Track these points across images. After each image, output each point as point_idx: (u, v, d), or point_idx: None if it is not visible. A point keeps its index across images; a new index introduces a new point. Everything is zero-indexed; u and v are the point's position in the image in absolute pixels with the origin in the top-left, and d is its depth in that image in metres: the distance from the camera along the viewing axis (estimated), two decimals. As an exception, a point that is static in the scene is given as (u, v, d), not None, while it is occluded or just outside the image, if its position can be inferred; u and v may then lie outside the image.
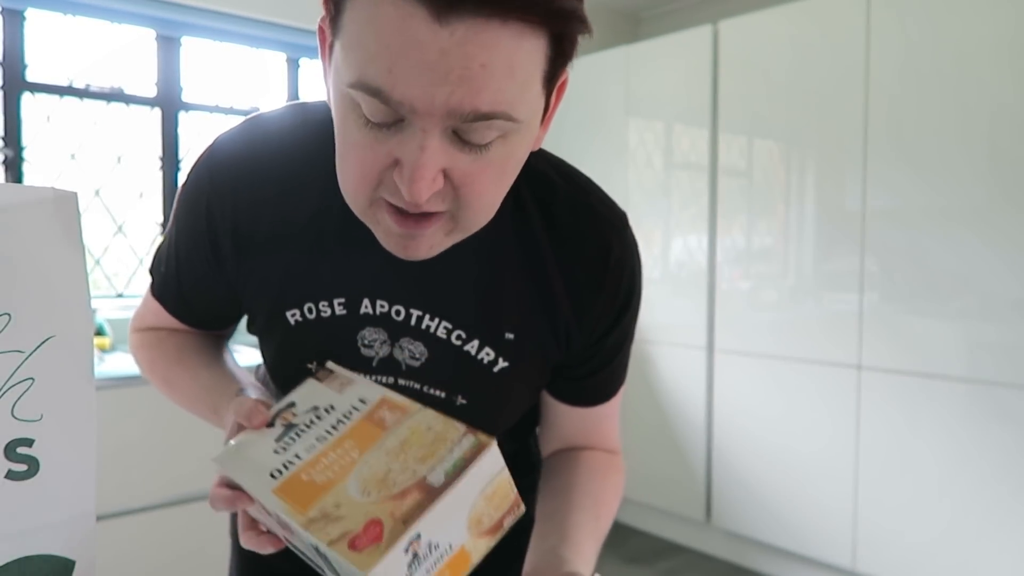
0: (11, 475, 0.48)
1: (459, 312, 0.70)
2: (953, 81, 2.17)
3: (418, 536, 0.47)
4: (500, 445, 0.53)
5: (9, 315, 0.47)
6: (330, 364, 0.66)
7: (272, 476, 0.54)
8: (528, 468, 0.92)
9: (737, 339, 2.75)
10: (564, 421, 0.82)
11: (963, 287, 2.18)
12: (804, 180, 2.59)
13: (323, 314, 0.71)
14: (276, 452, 0.56)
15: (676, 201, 2.95)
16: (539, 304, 0.71)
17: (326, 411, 0.59)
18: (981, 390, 2.15)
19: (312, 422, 0.58)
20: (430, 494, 0.48)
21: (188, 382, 0.77)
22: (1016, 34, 2.06)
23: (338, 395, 0.60)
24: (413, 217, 0.57)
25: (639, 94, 3.05)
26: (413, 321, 0.70)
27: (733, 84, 2.73)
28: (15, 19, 2.43)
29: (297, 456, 0.55)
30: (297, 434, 0.57)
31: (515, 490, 0.53)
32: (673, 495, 3.00)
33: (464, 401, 0.73)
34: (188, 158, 2.76)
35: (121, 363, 2.18)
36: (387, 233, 0.59)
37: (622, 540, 3.11)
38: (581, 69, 3.22)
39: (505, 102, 0.52)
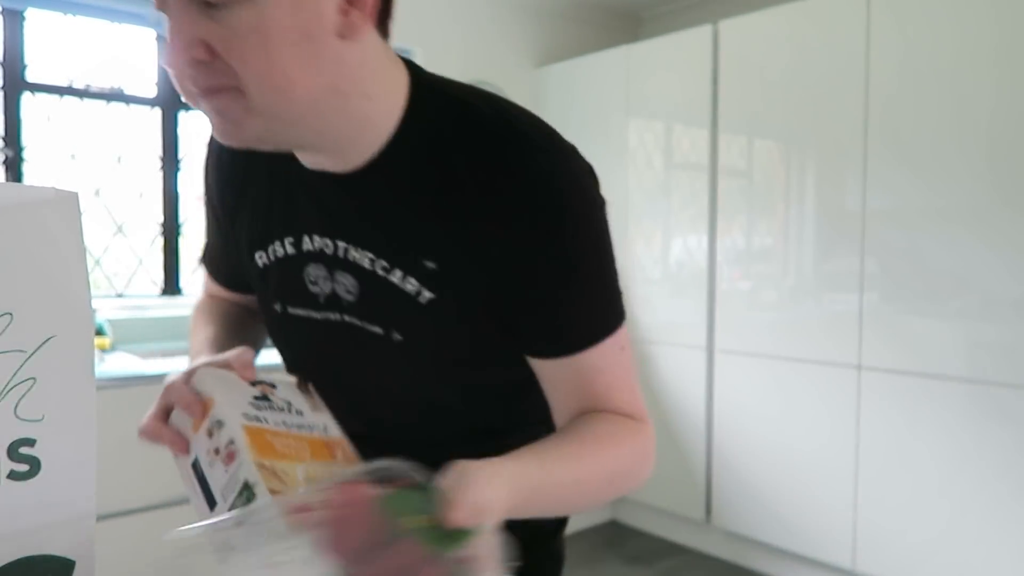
0: (13, 475, 0.48)
1: (377, 241, 0.71)
2: (952, 81, 2.17)
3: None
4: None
5: (11, 315, 0.47)
6: (311, 386, 0.78)
7: (244, 415, 0.65)
8: None
9: (737, 339, 2.75)
10: (555, 386, 0.74)
11: (963, 287, 2.18)
12: (804, 180, 2.59)
13: (278, 254, 0.78)
14: (252, 405, 0.67)
15: (676, 201, 2.95)
16: (461, 231, 0.68)
17: (298, 412, 0.71)
18: (981, 390, 2.15)
19: (284, 409, 0.70)
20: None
21: (199, 333, 0.91)
22: (1015, 35, 2.06)
23: (310, 410, 0.73)
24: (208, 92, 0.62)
25: (639, 94, 3.05)
26: (342, 253, 0.73)
27: (733, 84, 2.73)
28: (15, 19, 2.43)
29: (267, 420, 0.66)
30: (271, 408, 0.68)
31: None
32: (673, 495, 3.00)
33: (400, 337, 0.72)
34: (188, 158, 2.75)
35: (121, 363, 2.18)
36: (209, 119, 0.65)
37: (622, 540, 3.12)
38: (581, 69, 3.22)
39: None
